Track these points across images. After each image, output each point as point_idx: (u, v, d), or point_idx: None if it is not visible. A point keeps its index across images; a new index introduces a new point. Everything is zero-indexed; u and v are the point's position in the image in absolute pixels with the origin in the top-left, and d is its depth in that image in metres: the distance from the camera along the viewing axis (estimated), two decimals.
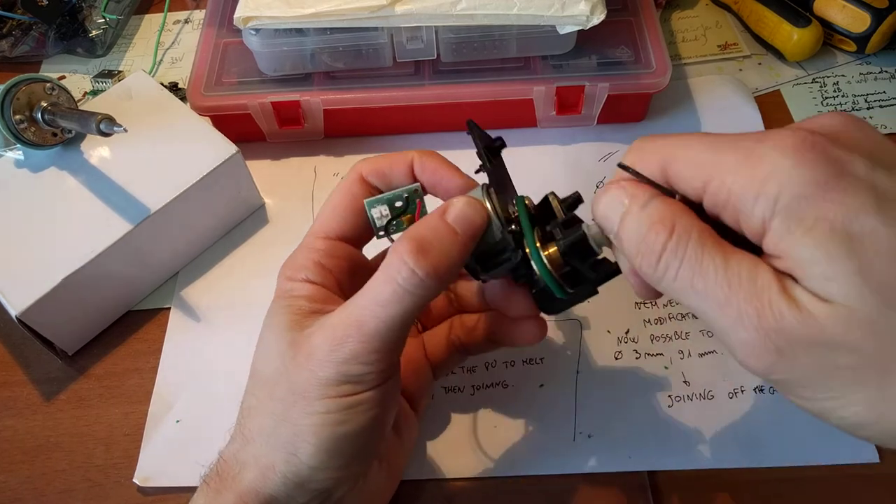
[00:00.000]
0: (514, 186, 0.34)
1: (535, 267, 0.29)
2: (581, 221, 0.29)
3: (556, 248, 0.29)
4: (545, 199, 0.31)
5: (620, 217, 0.26)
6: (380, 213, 0.33)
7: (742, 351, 0.23)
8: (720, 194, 0.23)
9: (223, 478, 0.31)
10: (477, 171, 0.33)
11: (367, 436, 0.30)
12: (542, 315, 0.36)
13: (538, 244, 0.29)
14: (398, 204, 0.33)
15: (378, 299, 0.29)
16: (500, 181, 0.32)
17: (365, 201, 0.33)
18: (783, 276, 0.22)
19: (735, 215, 0.23)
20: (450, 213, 0.30)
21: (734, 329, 0.23)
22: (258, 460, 0.30)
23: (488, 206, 0.30)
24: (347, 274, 0.34)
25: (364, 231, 0.34)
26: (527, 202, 0.31)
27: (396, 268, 0.28)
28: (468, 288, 0.39)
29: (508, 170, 0.34)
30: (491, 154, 0.33)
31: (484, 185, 0.31)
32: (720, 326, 0.23)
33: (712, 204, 0.24)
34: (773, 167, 0.21)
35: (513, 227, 0.30)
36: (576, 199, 0.31)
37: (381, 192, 0.34)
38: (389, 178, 0.34)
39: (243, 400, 0.32)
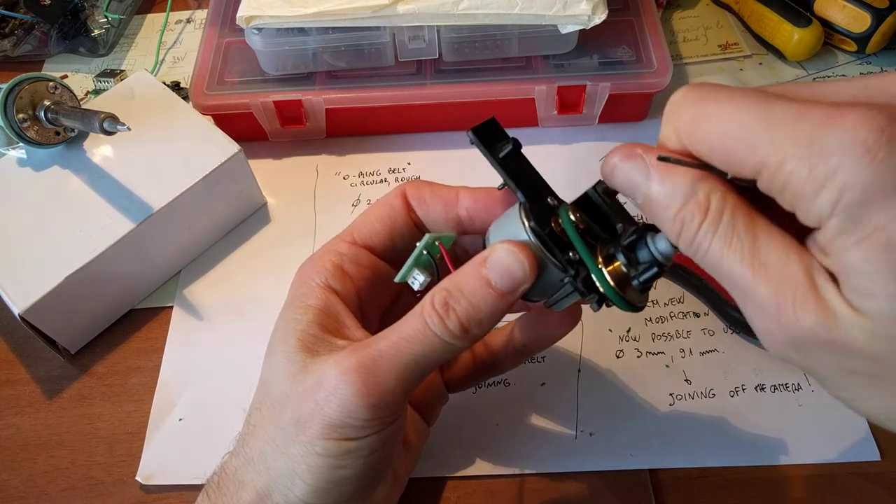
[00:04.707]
0: (545, 183, 0.30)
1: (603, 291, 0.27)
2: (645, 232, 0.27)
3: (619, 264, 0.27)
4: (586, 196, 0.29)
5: (645, 190, 0.24)
6: (417, 281, 0.30)
7: (761, 336, 0.23)
8: (776, 181, 0.21)
9: (223, 492, 0.31)
10: (500, 188, 0.30)
11: (367, 477, 0.30)
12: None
13: (608, 278, 0.27)
14: (428, 261, 0.31)
15: (401, 349, 0.28)
16: (530, 186, 0.29)
17: (396, 280, 0.31)
18: (820, 270, 0.21)
19: (790, 204, 0.21)
20: (488, 263, 0.28)
21: (755, 316, 0.22)
22: (256, 485, 0.30)
23: (532, 239, 0.27)
24: (368, 284, 0.33)
25: (393, 250, 0.33)
26: (572, 215, 0.28)
27: (424, 320, 0.28)
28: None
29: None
30: (509, 160, 0.29)
31: (521, 205, 0.28)
32: (742, 309, 0.23)
33: (766, 189, 0.22)
34: (840, 164, 0.19)
35: (570, 254, 0.27)
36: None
37: (417, 216, 0.33)
38: (427, 206, 0.32)
39: (249, 411, 0.32)
